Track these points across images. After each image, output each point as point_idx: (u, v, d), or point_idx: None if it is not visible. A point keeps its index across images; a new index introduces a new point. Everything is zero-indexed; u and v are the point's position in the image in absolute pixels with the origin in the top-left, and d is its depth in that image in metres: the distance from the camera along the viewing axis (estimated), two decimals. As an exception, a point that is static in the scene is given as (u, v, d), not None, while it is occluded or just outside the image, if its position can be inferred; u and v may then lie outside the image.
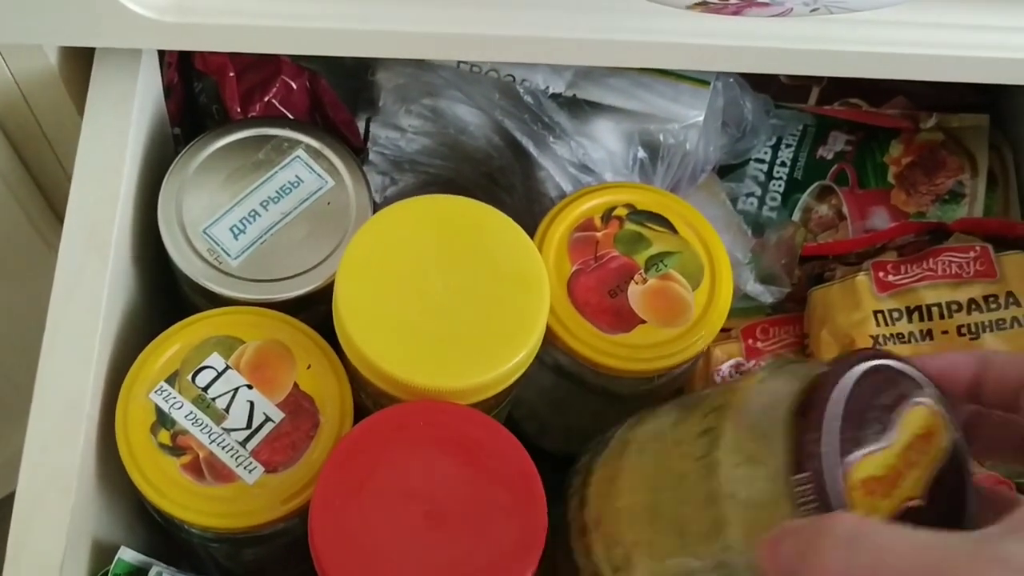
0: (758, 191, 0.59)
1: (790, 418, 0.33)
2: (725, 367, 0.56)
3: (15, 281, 0.58)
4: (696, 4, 0.34)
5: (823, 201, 0.59)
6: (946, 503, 0.33)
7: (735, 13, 0.34)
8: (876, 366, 0.34)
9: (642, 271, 0.47)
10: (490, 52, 0.45)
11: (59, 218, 0.56)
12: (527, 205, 0.56)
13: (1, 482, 0.77)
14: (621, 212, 0.47)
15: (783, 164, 0.60)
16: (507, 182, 0.57)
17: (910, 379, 0.35)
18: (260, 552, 0.46)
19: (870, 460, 0.33)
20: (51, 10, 0.40)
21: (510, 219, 0.43)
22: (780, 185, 0.59)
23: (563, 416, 0.54)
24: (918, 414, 0.34)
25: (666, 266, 0.47)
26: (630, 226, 0.47)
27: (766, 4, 0.33)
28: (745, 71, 0.45)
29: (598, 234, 0.47)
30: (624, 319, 0.46)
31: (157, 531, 0.46)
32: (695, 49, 0.43)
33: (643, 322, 0.46)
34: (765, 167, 0.60)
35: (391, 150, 0.55)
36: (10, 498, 0.80)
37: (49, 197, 0.54)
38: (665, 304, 0.46)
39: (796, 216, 0.59)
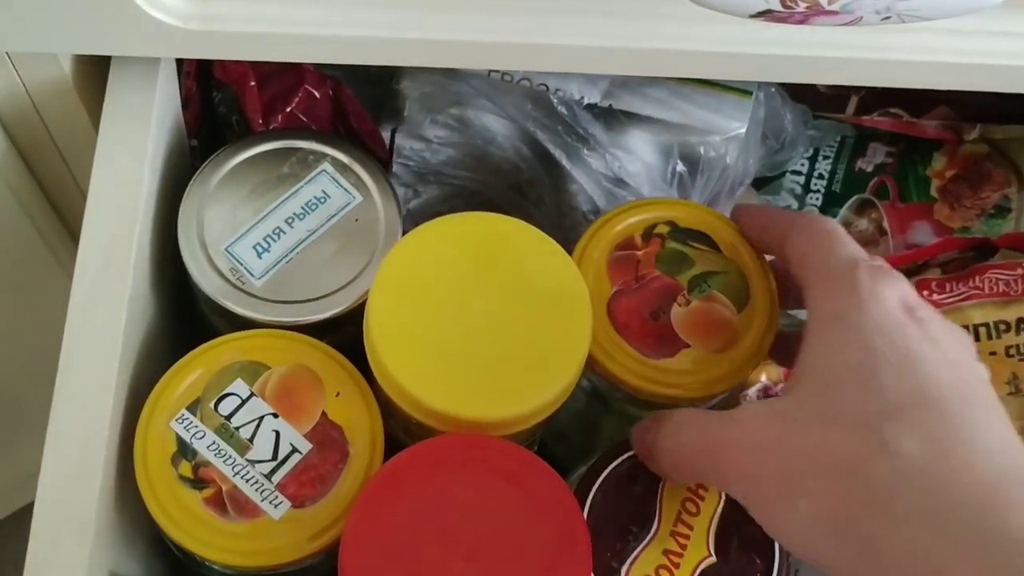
0: (795, 204, 0.57)
1: None
2: (752, 391, 0.54)
3: (24, 297, 0.56)
4: (760, 13, 0.32)
5: (863, 215, 0.57)
6: (738, 543, 0.39)
7: (801, 22, 0.32)
8: (623, 463, 0.41)
9: (685, 292, 0.44)
10: (524, 61, 0.42)
11: (71, 234, 0.54)
12: (557, 219, 0.54)
13: (5, 500, 0.76)
14: (663, 230, 0.45)
15: (820, 176, 0.58)
16: (535, 195, 0.55)
17: None
18: (284, 586, 0.44)
19: (643, 558, 0.39)
20: (68, 17, 0.37)
21: (550, 238, 0.41)
22: (818, 199, 0.57)
23: (594, 439, 0.52)
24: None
25: (710, 287, 0.45)
26: (672, 244, 0.45)
27: (835, 12, 0.31)
28: (789, 81, 0.43)
29: (639, 253, 0.45)
30: (667, 343, 0.44)
31: (177, 568, 0.44)
32: (737, 58, 0.41)
33: (687, 346, 0.44)
34: (802, 179, 0.58)
35: (416, 161, 0.53)
36: (15, 514, 0.78)
37: (61, 212, 0.52)
38: (710, 327, 0.44)
39: (835, 231, 0.57)
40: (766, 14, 0.32)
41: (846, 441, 0.32)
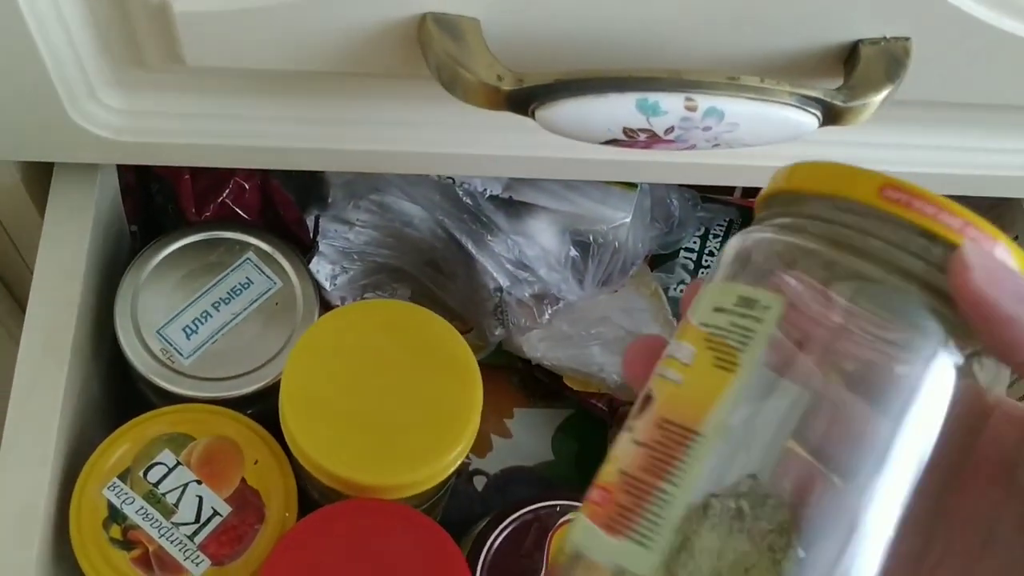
0: (688, 279, 0.63)
1: None
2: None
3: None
4: (608, 141, 0.37)
5: (749, 289, 0.62)
6: None
7: (645, 147, 0.38)
8: (516, 519, 0.46)
9: None
10: (432, 167, 0.48)
11: (22, 307, 0.58)
12: (470, 293, 0.59)
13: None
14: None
15: (711, 253, 0.63)
16: (450, 271, 0.60)
17: (551, 507, 0.44)
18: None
19: None
20: (14, 130, 0.42)
21: (442, 319, 0.46)
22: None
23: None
24: (561, 535, 0.44)
25: None
26: None
27: (672, 141, 0.37)
28: (661, 182, 0.48)
29: None
30: None
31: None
32: (617, 164, 0.47)
33: None
34: (694, 256, 0.63)
35: (340, 242, 0.58)
36: None
37: (13, 292, 0.57)
38: None
39: (724, 303, 0.62)
40: (613, 142, 0.37)
41: None
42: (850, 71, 0.39)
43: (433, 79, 0.38)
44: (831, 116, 0.38)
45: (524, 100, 0.37)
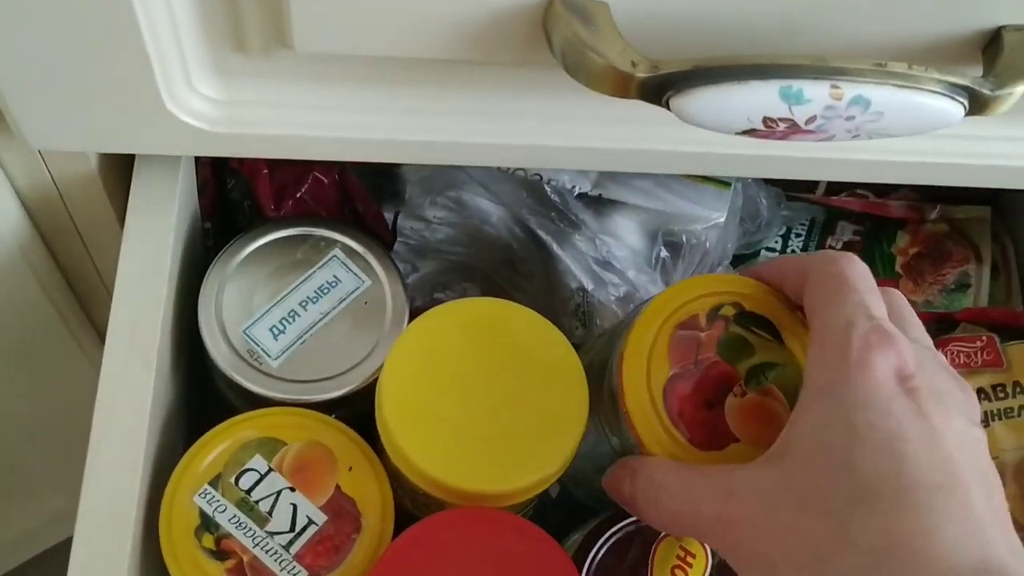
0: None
1: None
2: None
3: (39, 373, 0.58)
4: (745, 132, 0.35)
5: (833, 291, 0.61)
6: None
7: (781, 139, 0.36)
8: (619, 530, 0.44)
9: (743, 383, 0.42)
10: (524, 160, 0.46)
11: (88, 315, 0.57)
12: (548, 294, 0.57)
13: (24, 547, 0.77)
14: (728, 312, 0.43)
15: (793, 253, 0.61)
16: (527, 271, 0.58)
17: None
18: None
19: None
20: (102, 120, 0.40)
21: (548, 321, 0.44)
22: (791, 275, 0.61)
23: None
24: (665, 549, 0.43)
25: (767, 379, 0.42)
26: (735, 329, 0.43)
27: (811, 132, 0.35)
28: (764, 176, 0.46)
29: (702, 335, 0.43)
30: (718, 436, 0.41)
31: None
32: (717, 157, 0.45)
33: (736, 441, 0.41)
34: (776, 255, 0.61)
35: (415, 240, 0.56)
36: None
37: (79, 295, 0.55)
38: (761, 423, 0.42)
39: (807, 305, 0.60)
40: (750, 132, 0.35)
41: (813, 530, 0.32)
42: (991, 59, 0.37)
43: (549, 69, 0.36)
44: (977, 106, 0.36)
45: (658, 88, 0.35)
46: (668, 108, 0.35)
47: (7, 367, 0.56)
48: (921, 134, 0.36)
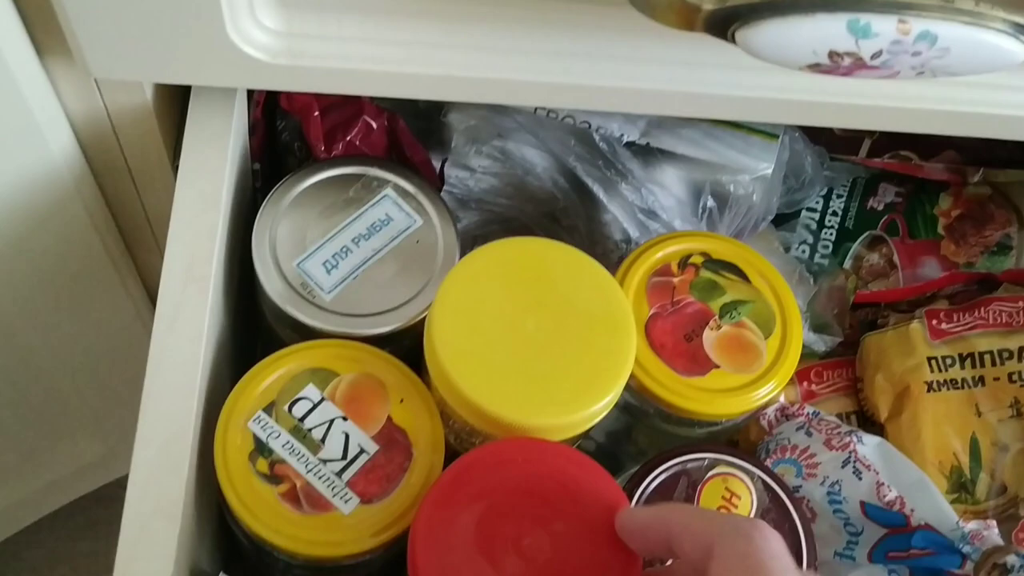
0: (810, 239, 0.61)
1: None
2: (771, 411, 0.57)
3: (82, 308, 0.58)
4: (810, 65, 0.35)
5: (874, 250, 0.61)
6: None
7: (845, 74, 0.36)
8: (666, 470, 0.45)
9: (717, 317, 0.48)
10: (578, 101, 0.46)
11: (131, 251, 0.57)
12: (589, 247, 0.58)
13: (49, 497, 0.78)
14: (697, 260, 0.49)
15: (835, 213, 0.61)
16: (569, 223, 0.58)
17: (699, 460, 0.45)
18: (340, 582, 0.47)
19: None
20: (163, 49, 0.41)
21: (599, 264, 0.44)
22: (831, 234, 0.61)
23: (615, 446, 0.55)
24: (711, 488, 0.45)
25: (740, 314, 0.48)
26: (705, 274, 0.49)
27: (876, 67, 0.35)
28: (816, 123, 0.47)
29: (675, 280, 0.49)
30: (699, 363, 0.47)
31: (233, 561, 0.47)
32: (770, 103, 0.45)
33: (717, 367, 0.47)
34: (817, 216, 0.61)
35: (460, 189, 0.57)
36: (69, 506, 0.80)
37: (124, 231, 0.55)
38: (738, 350, 0.48)
39: (847, 264, 0.60)
40: (815, 67, 0.35)
41: None
42: (1056, 2, 0.37)
43: (610, 6, 0.36)
44: (1040, 47, 0.36)
45: (725, 20, 0.35)
46: (734, 41, 0.35)
47: (54, 304, 0.57)
48: (984, 72, 0.36)
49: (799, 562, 0.43)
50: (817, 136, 0.60)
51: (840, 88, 0.43)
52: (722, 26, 0.35)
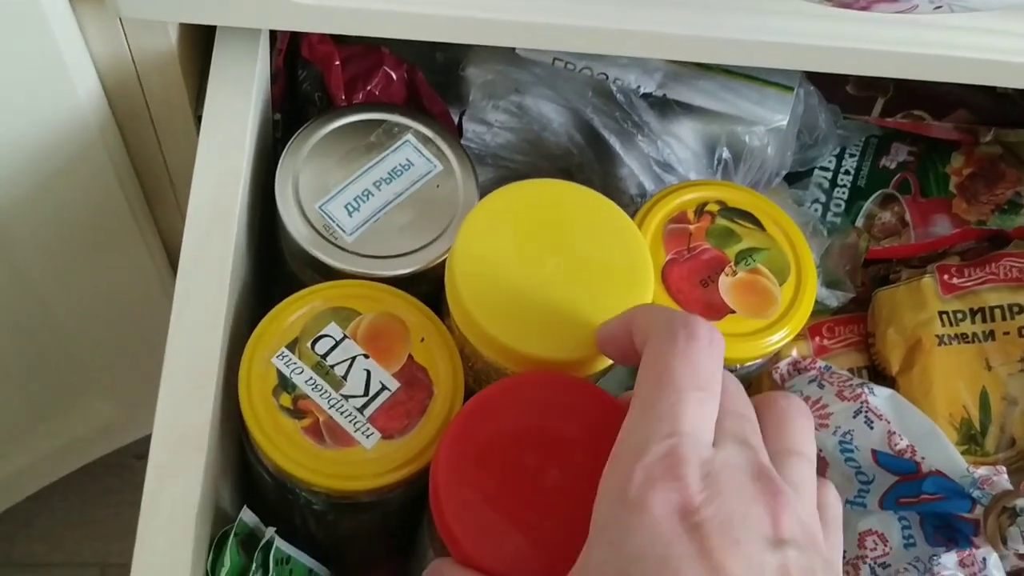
0: (823, 198, 0.62)
1: None
2: (783, 364, 0.58)
3: (100, 258, 0.59)
4: (829, -2, 0.36)
5: (886, 208, 0.61)
6: None
7: (864, 8, 0.36)
8: None
9: (732, 264, 0.49)
10: (599, 45, 0.46)
11: (149, 200, 0.58)
12: (604, 202, 0.58)
13: (65, 459, 0.78)
14: (713, 208, 0.50)
15: (847, 172, 0.62)
16: (584, 179, 0.59)
17: None
18: (359, 521, 0.47)
19: None
20: (193, -12, 0.41)
21: (619, 208, 0.45)
22: (844, 192, 0.62)
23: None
24: None
25: (755, 261, 0.49)
26: (721, 221, 0.49)
27: (895, 1, 0.36)
28: (834, 70, 0.47)
29: (691, 227, 0.49)
30: (715, 308, 0.48)
31: (254, 498, 0.48)
32: (788, 48, 0.46)
33: (732, 312, 0.48)
34: (829, 175, 0.62)
35: (477, 144, 0.57)
36: (81, 474, 0.81)
37: (143, 179, 0.56)
38: (754, 296, 0.48)
39: (859, 222, 0.61)
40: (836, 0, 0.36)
41: None
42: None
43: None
44: (1059, -17, 0.37)
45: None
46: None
47: (74, 255, 0.57)
48: (1002, 7, 0.37)
49: None
50: (832, 95, 0.61)
51: (856, 33, 0.44)
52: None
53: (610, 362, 0.43)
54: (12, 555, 0.96)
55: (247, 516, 0.42)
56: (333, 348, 0.43)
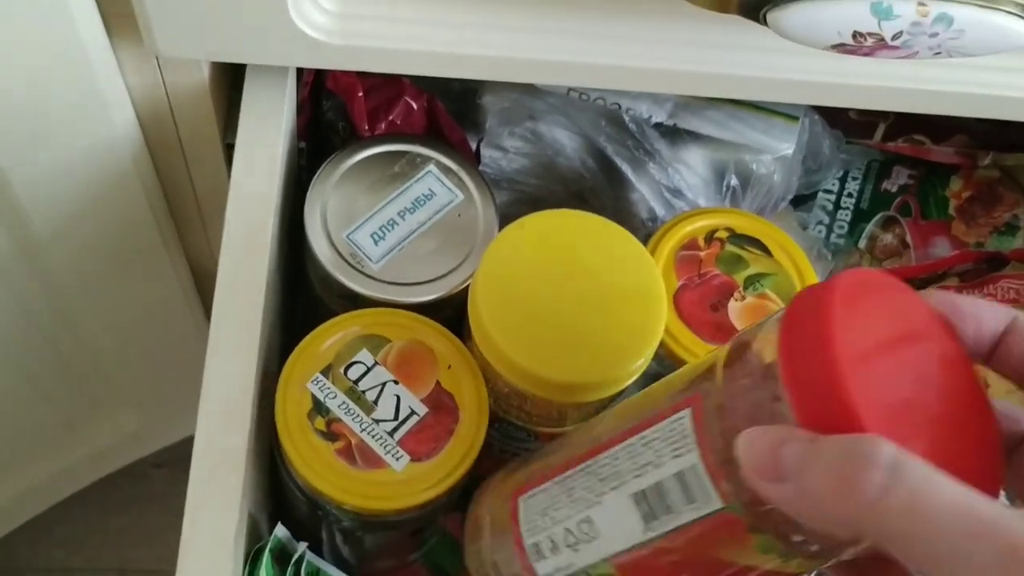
0: (827, 220, 0.64)
1: None
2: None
3: (129, 279, 0.61)
4: (835, 45, 0.38)
5: (888, 230, 0.64)
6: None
7: (868, 54, 0.38)
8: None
9: (741, 289, 0.51)
10: (612, 81, 0.48)
11: (178, 225, 0.60)
12: (616, 225, 0.60)
13: (88, 469, 0.80)
14: (722, 235, 0.52)
15: (850, 195, 0.64)
16: (597, 204, 0.61)
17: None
18: (386, 537, 0.50)
19: None
20: (232, 27, 0.43)
21: (633, 237, 0.47)
22: (847, 215, 0.64)
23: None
24: None
25: (763, 286, 0.51)
26: (730, 248, 0.52)
27: (897, 47, 0.38)
28: (838, 104, 0.49)
29: (701, 253, 0.51)
30: (724, 332, 0.50)
31: (285, 517, 0.50)
32: (794, 84, 0.48)
33: None
34: (833, 197, 0.64)
35: (493, 169, 0.59)
36: (101, 482, 0.83)
37: (173, 208, 0.58)
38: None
39: (862, 244, 0.63)
40: (839, 47, 0.38)
41: None
42: (1066, -12, 0.40)
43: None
44: (1051, 30, 0.39)
45: (758, 3, 0.37)
46: (765, 23, 0.38)
47: (108, 276, 0.59)
48: (995, 53, 0.39)
49: None
50: (834, 120, 0.63)
51: (859, 70, 0.46)
52: (755, 8, 0.38)
53: (625, 385, 0.45)
54: (35, 560, 0.98)
55: (280, 532, 0.44)
56: (365, 374, 0.45)
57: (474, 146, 0.57)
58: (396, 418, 0.44)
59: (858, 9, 0.37)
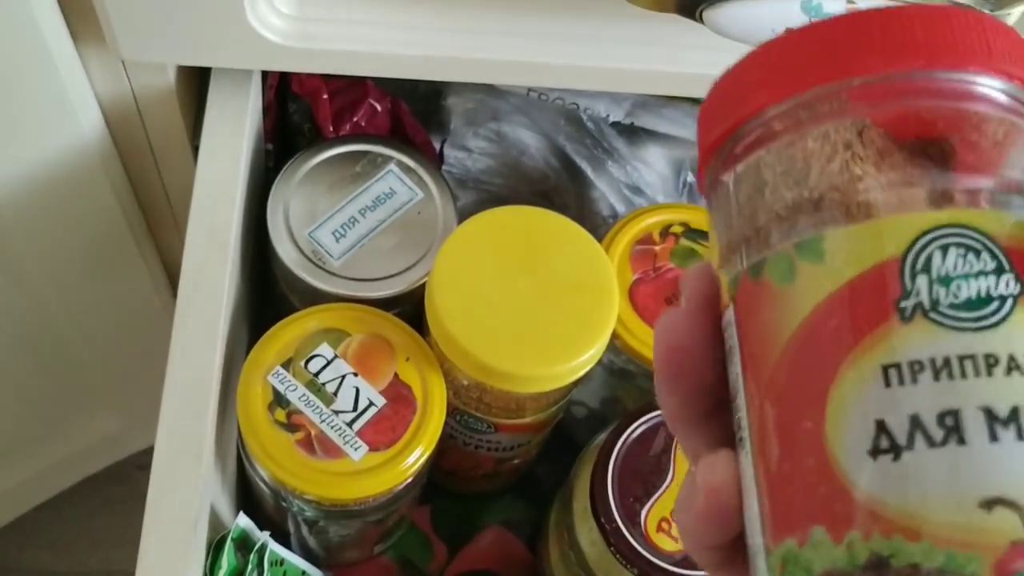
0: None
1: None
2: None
3: (105, 281, 0.62)
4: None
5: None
6: None
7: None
8: (641, 425, 0.48)
9: None
10: (568, 80, 0.50)
11: (149, 223, 0.61)
12: (580, 223, 0.62)
13: (70, 469, 0.81)
14: (677, 229, 0.53)
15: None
16: (561, 202, 0.62)
17: None
18: (348, 527, 0.51)
19: (661, 502, 0.47)
20: (188, 33, 0.45)
21: (586, 231, 0.48)
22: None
23: (607, 410, 0.59)
24: None
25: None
26: (685, 242, 0.53)
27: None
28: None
29: (656, 248, 0.53)
30: None
31: (248, 508, 0.51)
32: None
33: None
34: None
35: (458, 169, 0.61)
36: (86, 485, 0.84)
37: (145, 207, 0.59)
38: None
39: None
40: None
41: None
42: (994, -14, 0.41)
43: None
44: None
45: (694, 1, 0.39)
46: (701, 20, 0.39)
47: (81, 277, 0.61)
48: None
49: None
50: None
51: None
52: (691, 7, 0.39)
53: (583, 373, 0.46)
54: (21, 563, 0.99)
55: (243, 521, 0.46)
56: (325, 367, 0.46)
57: (438, 147, 0.58)
58: (355, 409, 0.46)
59: (789, 6, 0.38)
